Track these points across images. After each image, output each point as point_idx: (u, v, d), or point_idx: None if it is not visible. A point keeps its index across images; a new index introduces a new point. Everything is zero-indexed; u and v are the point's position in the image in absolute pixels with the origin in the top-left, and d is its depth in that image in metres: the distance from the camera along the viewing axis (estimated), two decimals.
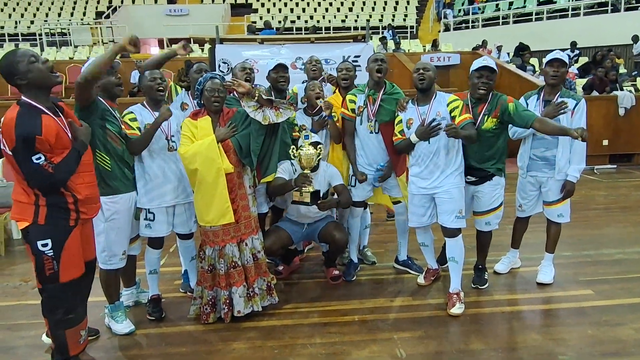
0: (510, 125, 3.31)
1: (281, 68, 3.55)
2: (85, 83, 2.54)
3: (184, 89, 3.55)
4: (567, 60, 3.30)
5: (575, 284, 3.55)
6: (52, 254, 2.30)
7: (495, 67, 3.14)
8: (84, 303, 2.57)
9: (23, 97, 2.26)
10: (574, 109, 3.26)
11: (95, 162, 2.71)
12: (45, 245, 2.29)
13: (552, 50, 3.45)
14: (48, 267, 2.32)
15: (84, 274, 2.47)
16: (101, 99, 2.79)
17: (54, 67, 2.33)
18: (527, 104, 3.38)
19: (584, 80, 9.57)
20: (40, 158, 2.18)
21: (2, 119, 2.22)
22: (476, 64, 3.16)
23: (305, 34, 12.67)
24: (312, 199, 3.20)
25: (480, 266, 3.56)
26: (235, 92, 3.20)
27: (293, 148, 3.21)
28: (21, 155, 2.18)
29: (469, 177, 3.29)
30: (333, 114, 3.61)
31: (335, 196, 3.51)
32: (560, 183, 3.36)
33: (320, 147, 3.28)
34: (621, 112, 8.20)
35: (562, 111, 3.20)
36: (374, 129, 3.44)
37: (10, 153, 2.22)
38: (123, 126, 2.89)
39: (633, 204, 5.83)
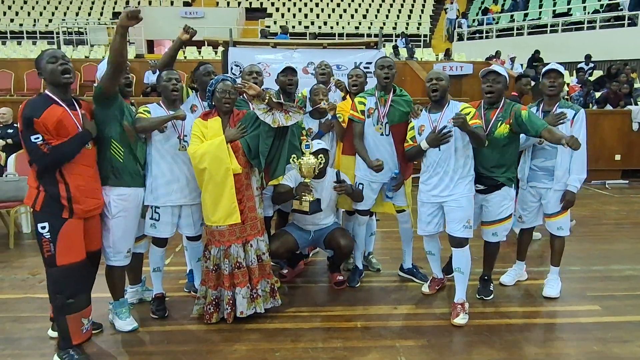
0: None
1: (290, 71, 3.58)
2: (113, 68, 2.58)
3: (193, 91, 3.58)
4: (563, 71, 3.34)
5: (582, 299, 3.50)
6: (49, 236, 2.51)
7: (500, 71, 3.20)
8: (86, 291, 2.67)
9: (45, 90, 2.56)
10: (573, 118, 3.28)
11: (109, 152, 2.77)
12: (43, 227, 2.51)
13: (566, 63, 3.46)
14: (46, 249, 2.51)
15: (85, 263, 2.60)
16: None
17: (69, 70, 2.55)
18: None
19: (597, 94, 9.51)
20: (38, 138, 2.44)
21: (21, 105, 2.49)
22: (482, 71, 3.26)
23: (309, 39, 12.72)
24: (311, 208, 3.20)
25: (486, 277, 3.53)
26: (244, 94, 3.22)
27: (294, 157, 3.22)
28: (24, 135, 2.45)
29: (477, 185, 3.27)
30: (339, 114, 3.62)
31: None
32: (560, 194, 3.35)
33: (321, 157, 3.28)
34: (635, 127, 8.11)
35: (561, 121, 3.24)
36: (383, 130, 3.44)
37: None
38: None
39: None
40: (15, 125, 6.28)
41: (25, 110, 2.44)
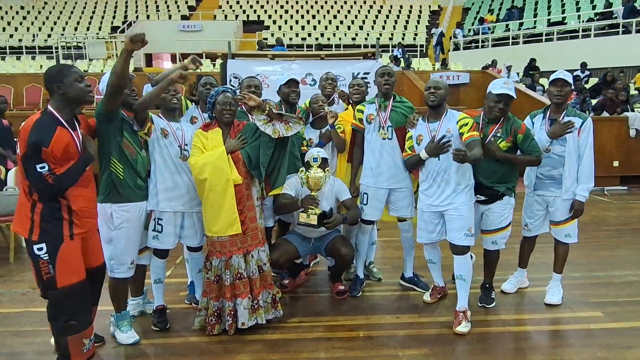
0: None
1: (293, 83, 3.62)
2: (113, 90, 2.58)
3: (193, 103, 3.61)
4: (570, 80, 3.29)
5: (584, 305, 3.49)
6: (47, 257, 2.41)
7: (514, 94, 3.15)
8: (87, 311, 2.59)
9: (48, 106, 2.44)
10: (580, 127, 3.26)
11: (109, 169, 2.78)
12: (40, 249, 2.40)
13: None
14: (45, 272, 2.41)
15: (85, 282, 2.52)
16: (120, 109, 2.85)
17: (92, 90, 2.52)
18: (533, 123, 3.41)
19: (594, 101, 9.58)
20: (44, 167, 2.34)
21: (24, 123, 2.37)
22: (497, 87, 3.16)
23: (315, 50, 12.80)
24: (319, 221, 3.21)
25: (487, 285, 3.52)
26: (243, 106, 3.25)
27: (302, 170, 3.25)
28: (28, 162, 2.33)
29: (478, 196, 3.27)
30: (339, 125, 3.65)
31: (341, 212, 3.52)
32: (568, 202, 3.34)
33: (328, 170, 3.31)
34: (632, 133, 8.16)
35: (569, 130, 3.23)
36: (387, 135, 3.46)
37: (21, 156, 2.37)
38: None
39: None
40: (15, 140, 6.28)
41: (32, 137, 2.31)
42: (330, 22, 20.73)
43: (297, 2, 22.24)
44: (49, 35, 18.62)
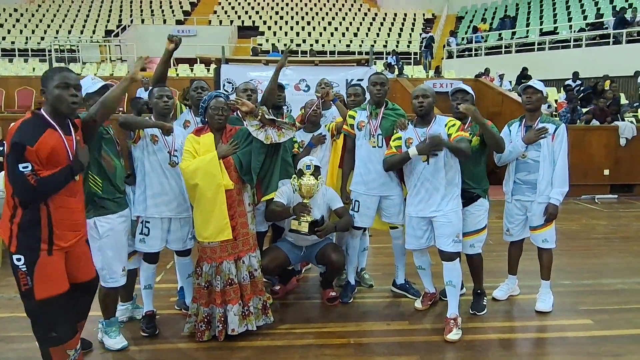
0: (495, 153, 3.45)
1: (278, 87, 3.66)
2: (107, 114, 2.55)
3: (187, 107, 3.61)
4: (540, 87, 3.44)
5: (574, 313, 3.51)
6: (25, 269, 2.28)
7: (468, 90, 3.37)
8: (68, 323, 2.44)
9: (41, 109, 2.34)
10: (554, 133, 3.36)
11: (88, 185, 2.71)
12: (19, 259, 2.28)
13: (553, 80, 3.55)
14: (23, 282, 2.29)
15: (65, 294, 2.37)
16: None
17: (77, 103, 2.33)
18: (510, 131, 3.52)
19: (584, 110, 9.68)
20: (27, 167, 2.18)
21: (13, 124, 2.29)
22: (451, 90, 3.42)
23: (309, 56, 12.83)
24: (310, 229, 3.20)
25: (478, 291, 3.53)
26: (237, 112, 3.25)
27: (294, 177, 3.25)
28: (10, 161, 2.21)
29: None
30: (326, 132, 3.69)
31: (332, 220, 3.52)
32: (543, 207, 3.40)
33: (320, 177, 3.30)
34: (622, 142, 8.25)
35: (543, 136, 3.34)
36: (377, 143, 3.47)
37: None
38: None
39: (634, 234, 5.80)
40: (5, 142, 6.21)
41: (16, 136, 2.19)
42: (324, 28, 20.83)
43: (292, 9, 22.34)
44: (42, 38, 18.52)
